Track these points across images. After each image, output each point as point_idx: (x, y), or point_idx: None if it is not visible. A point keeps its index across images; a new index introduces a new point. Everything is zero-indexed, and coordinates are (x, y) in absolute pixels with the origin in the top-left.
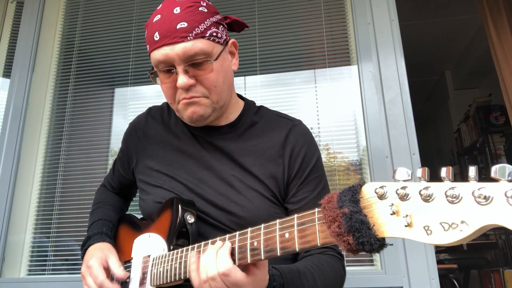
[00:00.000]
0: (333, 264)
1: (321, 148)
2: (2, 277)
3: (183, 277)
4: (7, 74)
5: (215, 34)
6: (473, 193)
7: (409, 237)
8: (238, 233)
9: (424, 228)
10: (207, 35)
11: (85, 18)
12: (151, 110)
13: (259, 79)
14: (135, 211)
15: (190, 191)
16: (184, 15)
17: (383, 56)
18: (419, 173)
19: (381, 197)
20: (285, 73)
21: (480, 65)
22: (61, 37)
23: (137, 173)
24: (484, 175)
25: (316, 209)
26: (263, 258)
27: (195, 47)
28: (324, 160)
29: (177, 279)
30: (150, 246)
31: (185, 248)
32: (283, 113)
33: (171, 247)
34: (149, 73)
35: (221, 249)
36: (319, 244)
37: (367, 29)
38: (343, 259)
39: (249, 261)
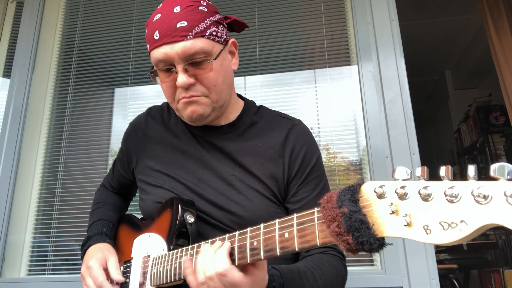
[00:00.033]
0: (334, 263)
1: (321, 148)
2: (2, 277)
3: (183, 277)
4: (7, 74)
5: (215, 33)
6: (472, 192)
7: (409, 237)
8: (237, 233)
9: (423, 227)
10: (207, 34)
11: (85, 18)
12: (151, 110)
13: (259, 79)
14: (135, 211)
15: (190, 191)
16: (184, 14)
17: (383, 56)
18: (418, 172)
19: (380, 196)
20: (285, 73)
21: (480, 65)
22: (61, 37)
23: (137, 173)
24: (484, 175)
25: (315, 209)
26: (262, 257)
27: (195, 46)
28: (324, 160)
29: (177, 279)
30: (150, 246)
31: (185, 248)
32: (283, 113)
33: (171, 247)
34: (149, 72)
35: (220, 249)
36: (318, 243)
37: (367, 29)
38: (345, 258)
39: (249, 260)
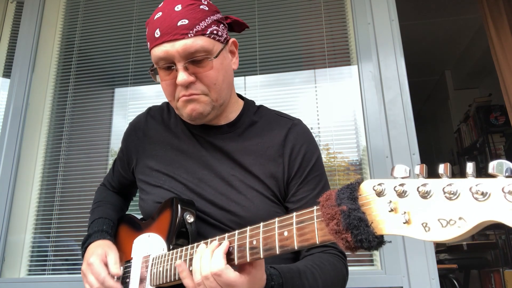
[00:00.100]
0: (334, 262)
1: (321, 148)
2: (2, 277)
3: None
4: (7, 74)
5: (215, 32)
6: (470, 189)
7: (408, 234)
8: (237, 232)
9: (422, 225)
10: (208, 32)
11: (85, 18)
12: (151, 110)
13: (259, 79)
14: (135, 211)
15: (190, 191)
16: (185, 12)
17: (383, 56)
18: (417, 170)
19: (379, 194)
20: (285, 73)
21: (480, 65)
22: (61, 37)
23: (137, 173)
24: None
25: (314, 207)
26: (262, 256)
27: (196, 44)
28: (324, 160)
29: (176, 279)
30: (149, 246)
31: (185, 247)
32: (283, 113)
33: (171, 247)
34: (149, 70)
35: (217, 249)
36: (317, 242)
37: (367, 29)
38: (345, 257)
39: (248, 259)
